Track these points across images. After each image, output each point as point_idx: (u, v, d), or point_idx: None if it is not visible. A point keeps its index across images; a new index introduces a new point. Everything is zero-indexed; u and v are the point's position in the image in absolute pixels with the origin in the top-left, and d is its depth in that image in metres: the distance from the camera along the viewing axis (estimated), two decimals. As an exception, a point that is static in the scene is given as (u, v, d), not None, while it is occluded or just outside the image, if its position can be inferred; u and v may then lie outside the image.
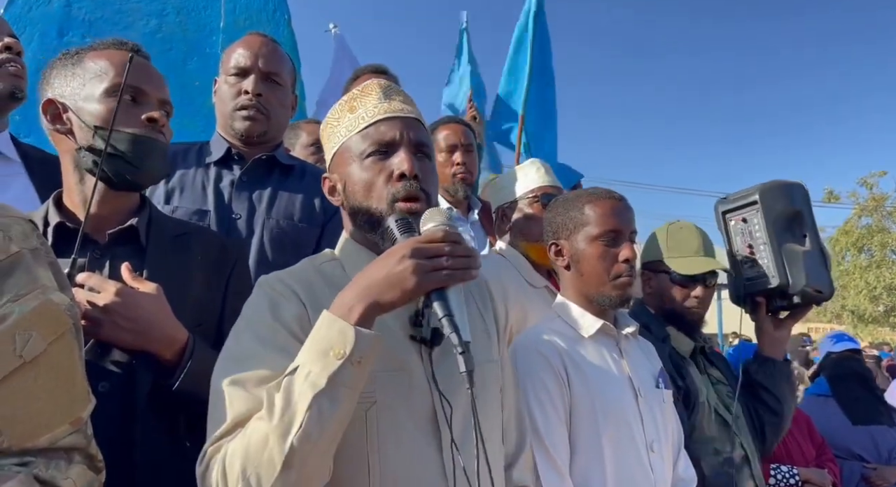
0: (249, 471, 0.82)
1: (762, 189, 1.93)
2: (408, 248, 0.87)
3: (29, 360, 0.77)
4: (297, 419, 0.81)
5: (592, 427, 1.34)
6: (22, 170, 1.45)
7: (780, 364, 1.95)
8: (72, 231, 1.10)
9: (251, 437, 0.83)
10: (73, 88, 1.16)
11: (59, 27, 2.37)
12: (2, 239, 0.79)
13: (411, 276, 0.86)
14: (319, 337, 0.86)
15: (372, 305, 0.87)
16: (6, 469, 0.75)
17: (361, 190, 1.03)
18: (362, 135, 1.04)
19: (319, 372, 0.83)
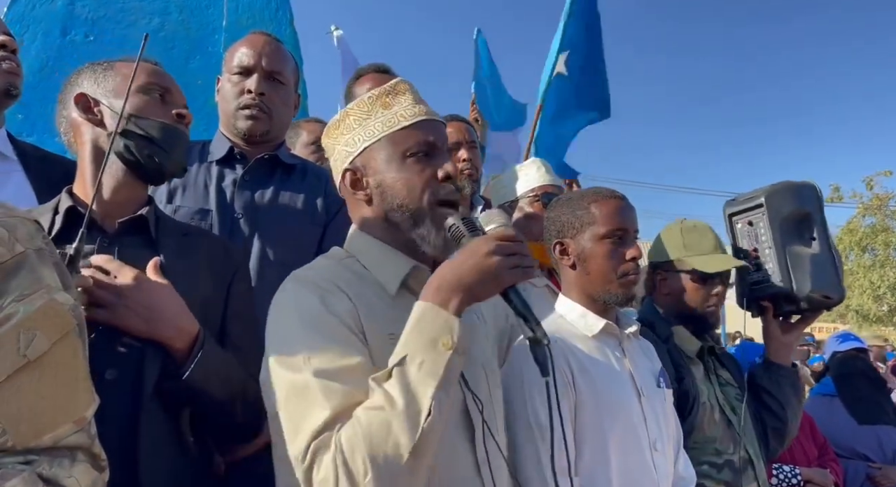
0: (379, 461, 0.83)
1: (768, 191, 1.91)
2: (492, 245, 0.93)
3: (33, 359, 0.78)
4: (424, 408, 0.84)
5: (597, 427, 1.34)
6: (19, 167, 1.45)
7: (785, 369, 1.92)
8: (82, 216, 1.12)
9: (370, 428, 0.84)
10: (104, 87, 1.21)
11: (62, 26, 2.37)
12: (7, 238, 0.79)
13: (504, 272, 0.93)
14: (424, 328, 0.90)
15: (467, 297, 0.92)
16: (10, 467, 0.75)
17: (403, 188, 1.05)
18: (404, 133, 1.06)
19: (434, 362, 0.87)
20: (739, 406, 1.80)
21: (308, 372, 0.91)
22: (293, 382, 0.92)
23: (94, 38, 2.40)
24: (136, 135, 1.15)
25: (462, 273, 0.93)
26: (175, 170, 1.23)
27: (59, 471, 0.78)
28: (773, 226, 1.87)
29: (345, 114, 1.12)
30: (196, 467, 1.16)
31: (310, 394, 0.89)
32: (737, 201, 2.02)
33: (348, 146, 1.10)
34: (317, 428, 0.87)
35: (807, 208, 1.89)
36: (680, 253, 1.84)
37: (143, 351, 1.08)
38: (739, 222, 2.00)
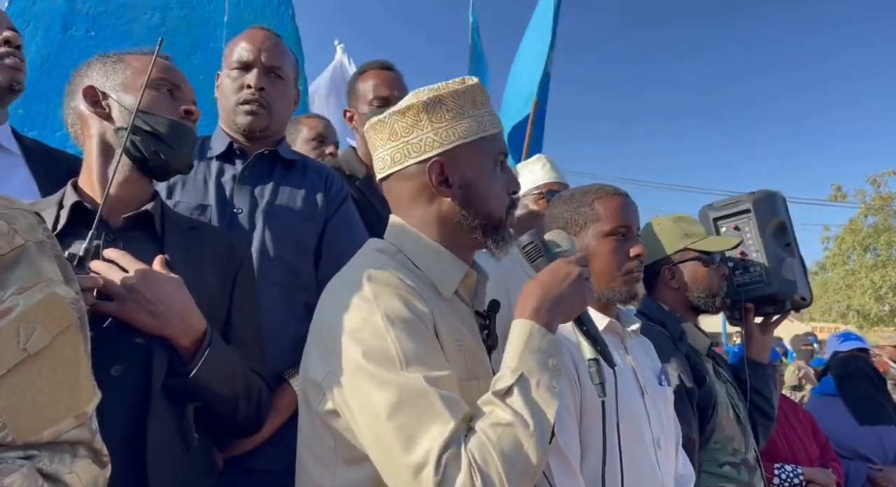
0: (514, 478, 0.84)
1: (755, 198, 2.02)
2: (582, 270, 1.02)
3: (33, 354, 0.77)
4: (548, 426, 0.87)
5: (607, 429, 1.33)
6: (22, 162, 1.45)
7: (768, 367, 2.00)
8: (88, 212, 1.12)
9: (502, 445, 0.85)
10: (114, 81, 1.20)
11: (63, 21, 2.37)
12: (7, 231, 0.78)
13: (588, 295, 1.02)
14: (536, 347, 0.93)
15: (562, 319, 1.00)
16: (10, 462, 0.75)
17: (495, 195, 1.07)
18: (493, 138, 1.08)
19: (550, 382, 0.90)
20: (739, 404, 1.81)
21: (418, 377, 0.87)
22: (403, 386, 0.87)
23: (95, 34, 2.40)
24: (144, 131, 1.15)
25: (561, 295, 0.99)
26: (181, 167, 1.22)
27: (59, 467, 0.77)
28: (762, 231, 1.98)
29: (439, 99, 1.04)
30: (201, 463, 1.15)
31: (428, 402, 0.86)
32: (716, 206, 2.13)
33: (438, 135, 1.04)
34: (445, 440, 0.83)
35: (783, 217, 2.03)
36: (684, 243, 1.85)
37: (150, 347, 1.07)
38: (724, 226, 2.10)
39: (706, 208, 2.14)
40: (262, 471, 1.38)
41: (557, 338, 0.98)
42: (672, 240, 1.87)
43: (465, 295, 1.11)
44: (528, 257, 1.09)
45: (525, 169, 2.22)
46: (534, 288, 1.00)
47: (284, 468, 1.34)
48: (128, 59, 1.24)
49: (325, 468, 0.98)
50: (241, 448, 1.35)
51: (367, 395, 0.89)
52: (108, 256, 1.08)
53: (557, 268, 1.02)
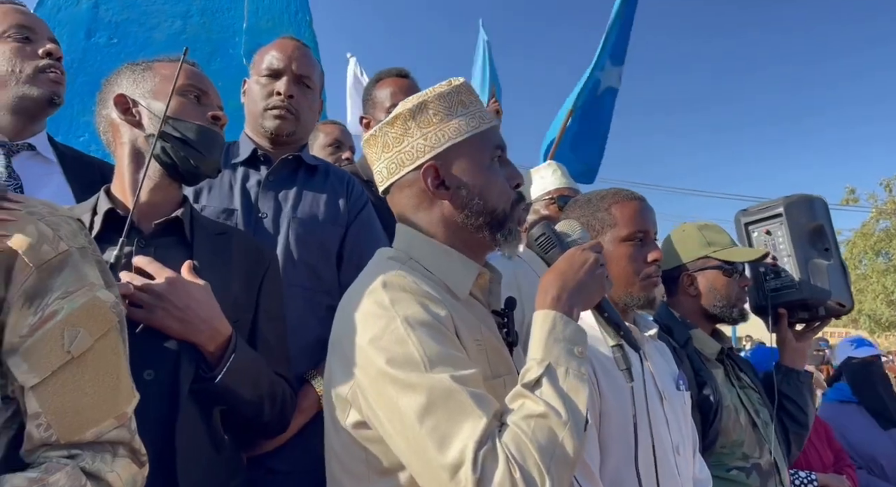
0: (554, 470, 0.83)
1: (787, 202, 1.98)
2: (597, 256, 1.02)
3: (77, 356, 0.80)
4: (582, 414, 0.87)
5: (623, 432, 1.34)
6: (58, 169, 1.48)
7: (802, 374, 1.96)
8: (120, 218, 1.15)
9: (537, 436, 0.84)
10: (143, 88, 1.23)
11: (86, 29, 2.42)
12: (52, 237, 0.81)
13: (605, 282, 1.02)
14: (560, 336, 0.93)
15: (583, 306, 1.00)
16: (55, 461, 0.78)
17: (496, 191, 1.06)
18: (487, 135, 1.07)
19: (579, 369, 0.91)
20: (763, 409, 1.80)
21: (445, 378, 0.87)
22: (431, 388, 0.86)
23: (117, 41, 2.44)
24: (173, 137, 1.17)
25: (579, 283, 0.99)
26: (210, 172, 1.25)
27: (101, 466, 0.80)
28: (793, 235, 1.95)
29: (423, 104, 1.05)
30: (229, 464, 1.18)
31: (457, 401, 0.85)
32: (750, 211, 2.10)
33: (427, 140, 1.04)
34: (478, 438, 0.83)
35: (820, 220, 1.98)
36: (706, 250, 1.85)
37: (179, 352, 1.10)
38: (756, 231, 2.06)
39: (740, 213, 2.12)
40: (285, 472, 1.40)
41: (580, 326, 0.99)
42: (694, 247, 1.87)
43: (479, 295, 1.11)
44: (542, 249, 1.08)
45: (536, 175, 2.24)
46: (552, 277, 1.00)
47: (307, 468, 1.37)
48: (156, 67, 1.27)
49: (359, 481, 0.97)
50: (264, 448, 1.38)
51: (395, 402, 0.88)
52: (136, 264, 1.11)
53: (573, 256, 1.01)
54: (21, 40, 1.43)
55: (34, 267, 0.79)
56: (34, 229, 0.80)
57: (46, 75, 1.43)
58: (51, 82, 1.44)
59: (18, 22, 1.44)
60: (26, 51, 1.42)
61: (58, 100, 1.46)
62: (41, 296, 0.79)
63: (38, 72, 1.42)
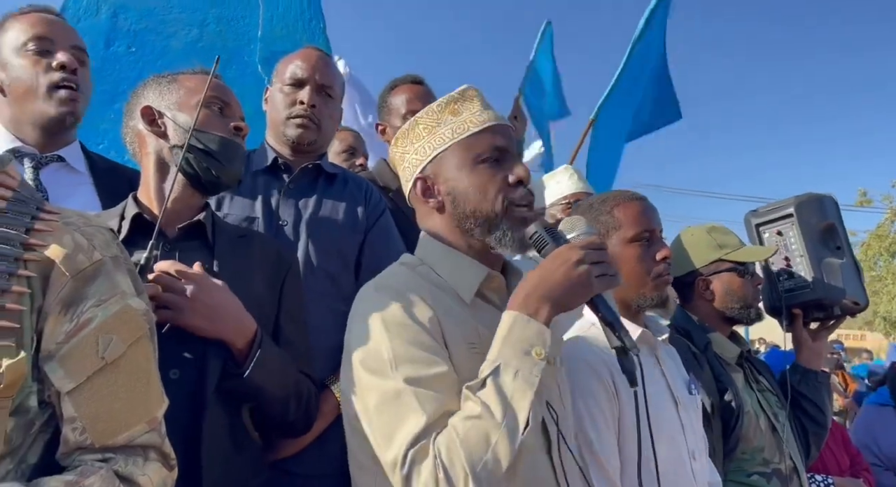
0: (479, 471, 0.83)
1: (797, 202, 1.97)
2: (581, 254, 0.94)
3: (110, 362, 0.83)
4: (522, 418, 0.84)
5: (646, 440, 1.33)
6: (88, 179, 1.50)
7: (821, 375, 1.95)
8: (147, 223, 1.18)
9: (468, 437, 0.84)
10: (168, 100, 1.26)
11: (106, 38, 2.45)
12: (87, 246, 0.84)
13: (591, 280, 0.93)
14: (517, 337, 0.90)
15: (556, 307, 0.93)
16: (89, 464, 0.80)
17: (476, 193, 1.05)
18: (474, 139, 1.07)
19: (530, 371, 0.87)
20: (781, 412, 1.79)
21: (399, 379, 0.91)
22: (384, 389, 0.92)
23: (135, 50, 2.47)
24: (196, 149, 1.20)
25: (551, 282, 0.94)
26: (231, 182, 1.27)
27: (133, 469, 0.83)
28: (805, 235, 1.94)
29: (414, 122, 1.12)
30: (252, 463, 1.20)
31: (403, 401, 0.89)
32: (760, 212, 2.09)
33: (418, 154, 1.11)
34: (414, 436, 0.86)
35: (831, 219, 1.97)
36: (718, 253, 1.84)
37: (204, 351, 1.13)
38: (767, 232, 2.05)
39: (750, 214, 2.11)
40: (304, 475, 1.42)
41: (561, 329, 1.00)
42: (706, 251, 1.86)
43: (494, 298, 1.11)
44: (537, 248, 1.05)
45: (552, 180, 2.25)
46: (529, 276, 0.98)
47: (325, 472, 1.39)
48: (181, 79, 1.30)
49: (366, 473, 1.01)
50: (284, 452, 1.40)
51: (362, 400, 0.95)
52: (160, 268, 1.14)
53: (557, 254, 0.97)
54: (39, 53, 1.42)
55: (70, 276, 0.81)
56: (70, 239, 0.83)
57: (58, 94, 1.42)
58: (62, 102, 1.42)
59: (37, 33, 1.43)
60: (43, 64, 1.42)
61: (71, 120, 1.45)
62: (76, 304, 0.81)
63: (51, 88, 1.41)
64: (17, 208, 0.82)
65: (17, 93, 1.42)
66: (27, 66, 1.41)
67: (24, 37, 1.42)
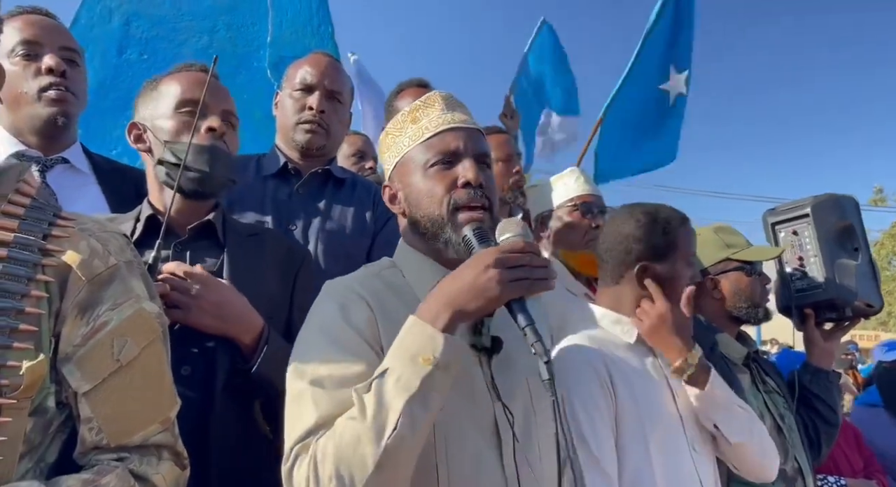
0: (343, 471, 0.84)
1: (814, 202, 1.96)
2: (492, 257, 0.90)
3: (125, 364, 0.85)
4: (391, 422, 0.83)
5: (639, 434, 1.35)
6: (92, 180, 1.52)
7: (831, 374, 1.95)
8: (160, 224, 1.20)
9: (342, 437, 0.85)
10: (150, 110, 1.28)
11: (118, 45, 2.49)
12: (102, 252, 0.86)
13: (496, 286, 0.89)
14: (408, 343, 0.89)
15: (458, 313, 0.90)
16: (105, 463, 0.83)
17: (425, 198, 1.05)
18: (426, 144, 1.07)
19: (411, 377, 0.85)
20: (788, 414, 1.79)
21: (306, 380, 0.93)
22: (293, 389, 0.95)
23: (147, 57, 2.51)
24: (170, 163, 1.21)
25: (455, 288, 0.91)
26: (217, 187, 1.26)
27: (147, 468, 0.85)
28: (820, 235, 1.92)
29: (385, 133, 1.15)
30: (262, 457, 1.22)
31: (303, 401, 0.92)
32: (778, 211, 2.07)
33: (386, 163, 1.14)
34: (301, 433, 0.89)
35: (849, 220, 1.96)
36: (725, 253, 1.86)
37: (214, 348, 1.16)
38: (783, 231, 2.04)
39: (767, 213, 2.11)
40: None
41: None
42: (713, 251, 1.87)
43: None
44: (467, 251, 1.01)
45: (559, 181, 2.25)
46: (442, 281, 0.95)
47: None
48: (161, 85, 1.29)
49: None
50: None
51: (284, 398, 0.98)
52: (166, 269, 1.16)
53: (472, 258, 0.94)
54: (28, 57, 1.42)
55: (86, 281, 0.83)
56: (86, 245, 0.85)
57: (47, 94, 1.41)
58: (52, 102, 1.42)
59: (24, 37, 1.42)
60: (32, 68, 1.42)
61: (62, 120, 1.43)
62: (92, 308, 0.84)
63: (40, 91, 1.41)
64: (36, 215, 0.85)
65: (10, 99, 1.43)
66: (17, 71, 1.42)
67: (12, 42, 1.42)
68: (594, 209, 2.13)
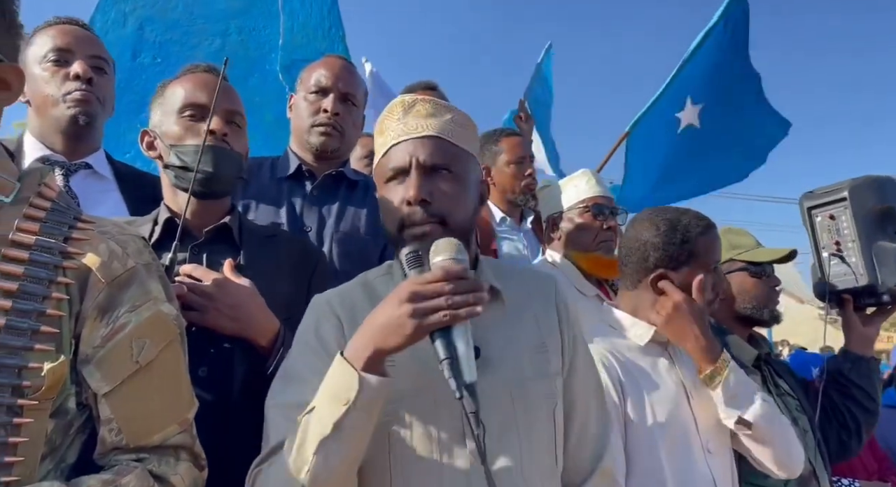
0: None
1: (852, 185, 1.90)
2: (405, 292, 0.87)
3: (144, 365, 0.86)
4: (308, 461, 0.86)
5: (649, 437, 1.34)
6: (114, 186, 1.55)
7: (871, 361, 1.90)
8: (178, 226, 1.21)
9: (278, 468, 0.89)
10: (158, 116, 1.30)
11: (132, 49, 2.52)
12: (121, 254, 0.87)
13: (409, 321, 0.85)
14: (332, 382, 0.88)
15: (377, 351, 0.87)
16: (125, 464, 0.84)
17: (385, 213, 1.07)
18: (385, 159, 1.06)
19: (326, 418, 0.86)
20: (801, 416, 1.77)
21: (274, 400, 0.98)
22: (267, 407, 0.98)
23: (161, 61, 2.54)
24: (176, 166, 1.23)
25: (375, 324, 0.88)
26: (223, 186, 1.27)
27: (166, 469, 0.86)
28: (857, 219, 1.86)
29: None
30: None
31: (268, 423, 0.97)
32: (815, 194, 2.00)
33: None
34: (258, 460, 0.94)
35: (890, 202, 1.89)
36: (730, 254, 1.85)
37: (231, 349, 1.17)
38: (819, 215, 1.98)
39: (804, 196, 2.04)
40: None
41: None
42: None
43: None
44: (402, 276, 1.02)
45: (570, 183, 2.25)
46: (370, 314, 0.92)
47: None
48: (167, 90, 1.31)
49: None
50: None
51: None
52: (184, 271, 1.18)
53: (391, 293, 0.90)
54: (58, 64, 1.48)
55: (106, 283, 0.84)
56: (105, 247, 0.86)
57: (73, 96, 1.47)
58: (75, 102, 1.47)
59: (56, 44, 1.49)
60: (60, 74, 1.48)
61: (84, 119, 1.48)
62: (112, 310, 0.85)
63: (65, 94, 1.47)
64: (56, 218, 0.86)
65: (38, 102, 1.49)
66: (46, 77, 1.48)
67: (45, 49, 1.49)
68: (605, 210, 2.13)
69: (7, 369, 0.76)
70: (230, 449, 1.10)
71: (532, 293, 1.13)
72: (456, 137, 1.07)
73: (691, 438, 1.39)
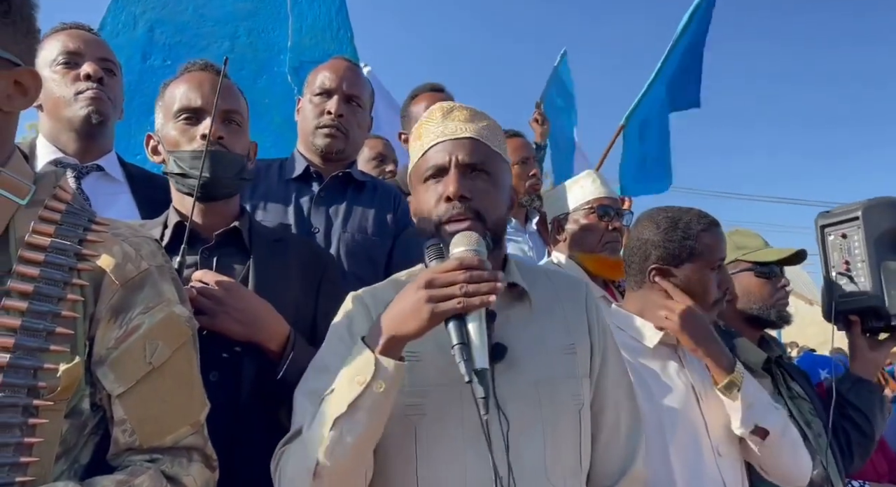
0: (289, 475, 0.95)
1: (866, 206, 1.89)
2: (422, 279, 0.92)
3: (157, 366, 0.87)
4: (324, 437, 0.90)
5: (659, 439, 1.34)
6: (126, 189, 1.57)
7: (872, 385, 1.88)
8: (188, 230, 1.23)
9: (298, 446, 0.95)
10: (160, 119, 1.32)
11: (142, 52, 2.54)
12: (134, 256, 0.88)
13: (424, 307, 0.90)
14: (351, 365, 0.93)
15: (394, 336, 0.92)
16: (138, 464, 0.85)
17: (423, 211, 1.10)
18: (423, 159, 1.11)
19: (343, 397, 0.91)
20: (814, 420, 1.76)
21: (304, 387, 1.03)
22: (296, 393, 1.04)
23: (171, 63, 2.55)
24: (175, 174, 1.25)
25: (395, 311, 0.93)
26: (222, 190, 1.27)
27: (178, 470, 0.87)
28: (869, 240, 1.85)
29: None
30: None
31: (296, 409, 1.02)
32: (831, 213, 2.00)
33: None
34: (284, 440, 1.00)
35: None
36: (735, 254, 1.84)
37: (241, 354, 1.18)
38: (832, 234, 1.97)
39: (819, 216, 2.04)
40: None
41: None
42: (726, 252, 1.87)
43: None
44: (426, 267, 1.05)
45: (575, 184, 2.25)
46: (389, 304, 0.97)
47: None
48: (166, 93, 1.32)
49: None
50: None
51: None
52: (195, 278, 1.19)
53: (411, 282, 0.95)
54: (68, 66, 1.52)
55: (119, 285, 0.85)
56: (119, 250, 0.87)
57: (84, 94, 1.50)
58: (88, 100, 1.49)
59: (65, 48, 1.52)
60: (71, 75, 1.51)
61: (96, 118, 1.50)
62: (125, 311, 0.86)
63: (77, 94, 1.49)
64: (71, 220, 0.87)
65: (50, 105, 1.51)
66: (57, 79, 1.50)
67: (55, 53, 1.52)
68: (611, 211, 2.12)
69: (23, 370, 0.77)
70: (240, 453, 1.12)
71: (561, 295, 1.17)
72: (491, 142, 1.12)
73: (701, 441, 1.39)
